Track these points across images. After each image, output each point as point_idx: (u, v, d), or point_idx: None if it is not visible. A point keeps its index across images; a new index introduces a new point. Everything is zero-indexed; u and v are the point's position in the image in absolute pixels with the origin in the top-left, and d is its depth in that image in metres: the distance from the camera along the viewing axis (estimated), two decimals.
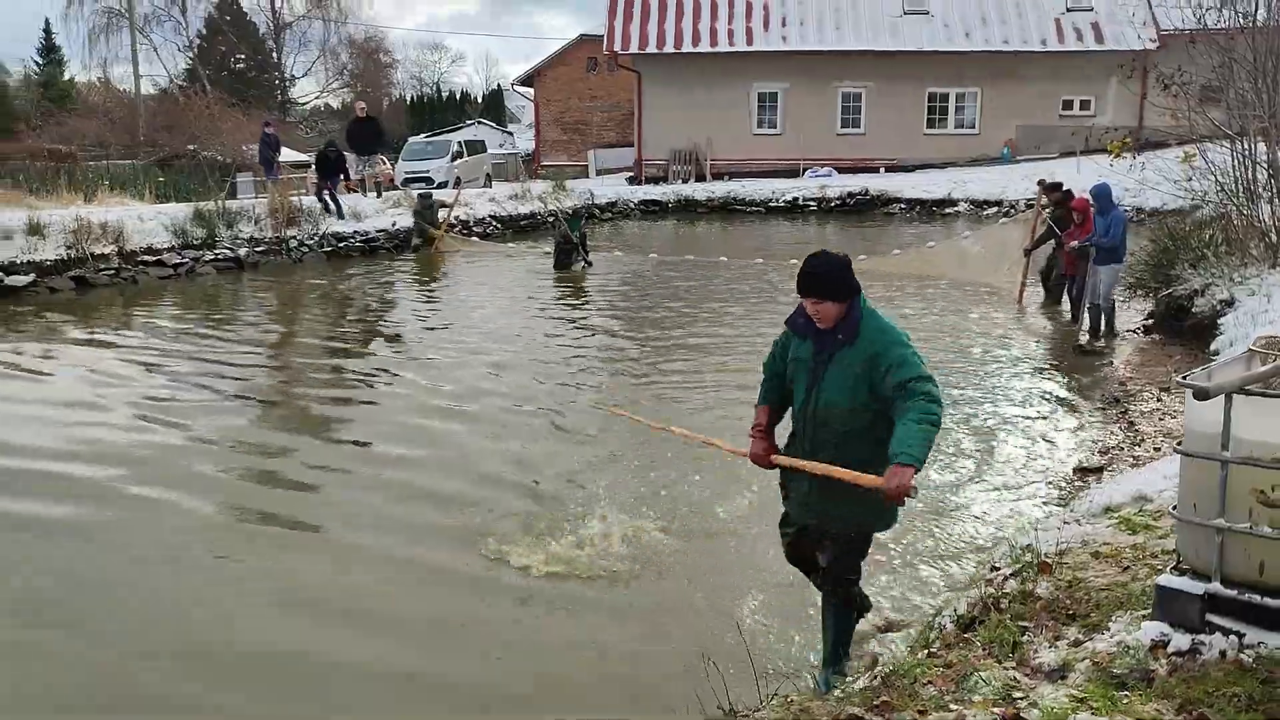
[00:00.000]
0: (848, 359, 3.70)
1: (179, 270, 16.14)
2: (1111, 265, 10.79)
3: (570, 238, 16.27)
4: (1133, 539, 4.21)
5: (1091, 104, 31.03)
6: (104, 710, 4.14)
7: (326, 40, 50.59)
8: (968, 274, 14.45)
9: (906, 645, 4.03)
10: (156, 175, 25.49)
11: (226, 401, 8.89)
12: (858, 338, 3.70)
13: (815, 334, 3.79)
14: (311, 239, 18.34)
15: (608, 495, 6.40)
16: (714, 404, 8.54)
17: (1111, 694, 3.05)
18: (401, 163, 31.60)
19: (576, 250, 16.30)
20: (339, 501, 6.50)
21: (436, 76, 67.72)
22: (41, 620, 4.85)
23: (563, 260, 16.24)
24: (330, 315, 13.60)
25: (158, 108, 37.30)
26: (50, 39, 48.55)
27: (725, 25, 32.05)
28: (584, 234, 16.77)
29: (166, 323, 12.65)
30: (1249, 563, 3.17)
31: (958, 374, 9.50)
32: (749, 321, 12.20)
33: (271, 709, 4.12)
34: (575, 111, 43.82)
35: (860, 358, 3.68)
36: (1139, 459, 6.63)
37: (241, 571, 5.40)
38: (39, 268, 14.49)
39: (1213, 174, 11.26)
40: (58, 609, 4.96)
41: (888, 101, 31.88)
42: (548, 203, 24.12)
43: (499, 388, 9.28)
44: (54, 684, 4.30)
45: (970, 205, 25.48)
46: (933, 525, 5.90)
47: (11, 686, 4.27)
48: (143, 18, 45.60)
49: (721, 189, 28.78)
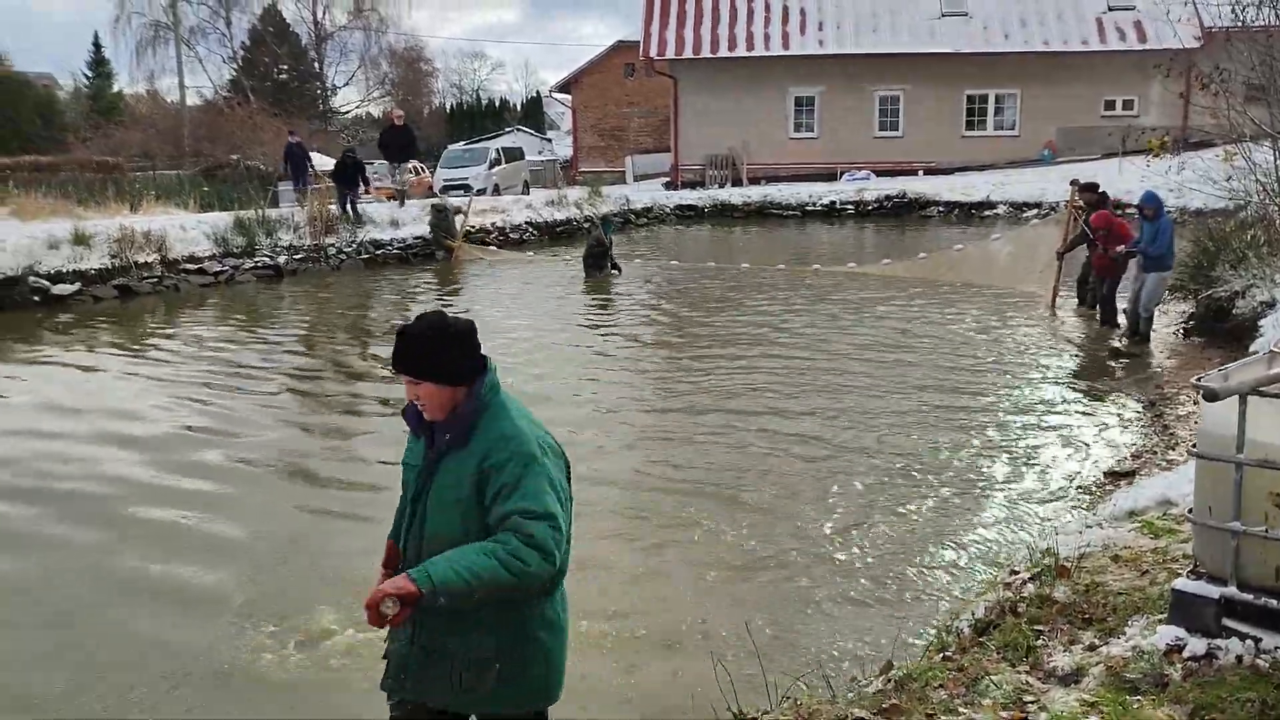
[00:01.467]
0: (456, 469, 2.69)
1: (219, 278, 16.40)
2: (1159, 274, 10.55)
3: (604, 241, 16.29)
4: (1154, 543, 4.16)
5: (1134, 104, 30.61)
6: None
7: (367, 50, 51.21)
8: (997, 278, 14.15)
9: (922, 649, 4.00)
10: (201, 185, 25.94)
11: (257, 412, 9.03)
12: (471, 440, 2.68)
13: (427, 429, 2.79)
14: (350, 246, 18.55)
15: (611, 497, 6.42)
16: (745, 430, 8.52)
17: (1124, 699, 3.02)
18: (440, 170, 31.90)
19: (609, 254, 16.31)
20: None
21: (476, 84, 68.35)
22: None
23: (597, 263, 16.20)
24: (361, 324, 13.69)
25: (202, 118, 37.96)
26: (99, 52, 49.67)
27: (761, 29, 32.02)
28: (610, 240, 16.78)
29: (204, 330, 12.87)
30: (1265, 567, 3.12)
31: (989, 380, 9.42)
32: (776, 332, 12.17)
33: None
34: (612, 118, 43.97)
35: (471, 469, 2.66)
36: (1171, 463, 6.53)
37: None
38: (84, 276, 14.80)
39: (1254, 173, 11.07)
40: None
41: (925, 104, 31.67)
42: (584, 209, 24.21)
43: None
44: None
45: (1009, 208, 25.19)
46: (958, 529, 5.85)
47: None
48: (188, 30, 46.52)
49: (758, 193, 28.73)
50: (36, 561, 5.71)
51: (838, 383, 9.32)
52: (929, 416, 8.13)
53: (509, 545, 2.52)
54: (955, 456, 7.14)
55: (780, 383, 9.39)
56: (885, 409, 8.38)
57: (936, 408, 8.38)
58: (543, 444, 2.73)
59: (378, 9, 50.29)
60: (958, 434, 7.65)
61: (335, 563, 5.51)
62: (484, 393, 2.72)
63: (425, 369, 2.68)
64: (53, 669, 4.50)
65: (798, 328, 11.99)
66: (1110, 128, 28.88)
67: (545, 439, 2.77)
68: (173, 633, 4.80)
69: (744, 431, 7.87)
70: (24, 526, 6.26)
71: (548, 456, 2.72)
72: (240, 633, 4.76)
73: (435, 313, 2.79)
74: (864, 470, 6.89)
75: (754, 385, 9.34)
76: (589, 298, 15.03)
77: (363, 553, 5.70)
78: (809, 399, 8.78)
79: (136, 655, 4.59)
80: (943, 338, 11.23)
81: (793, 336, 11.52)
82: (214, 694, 4.28)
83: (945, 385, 9.15)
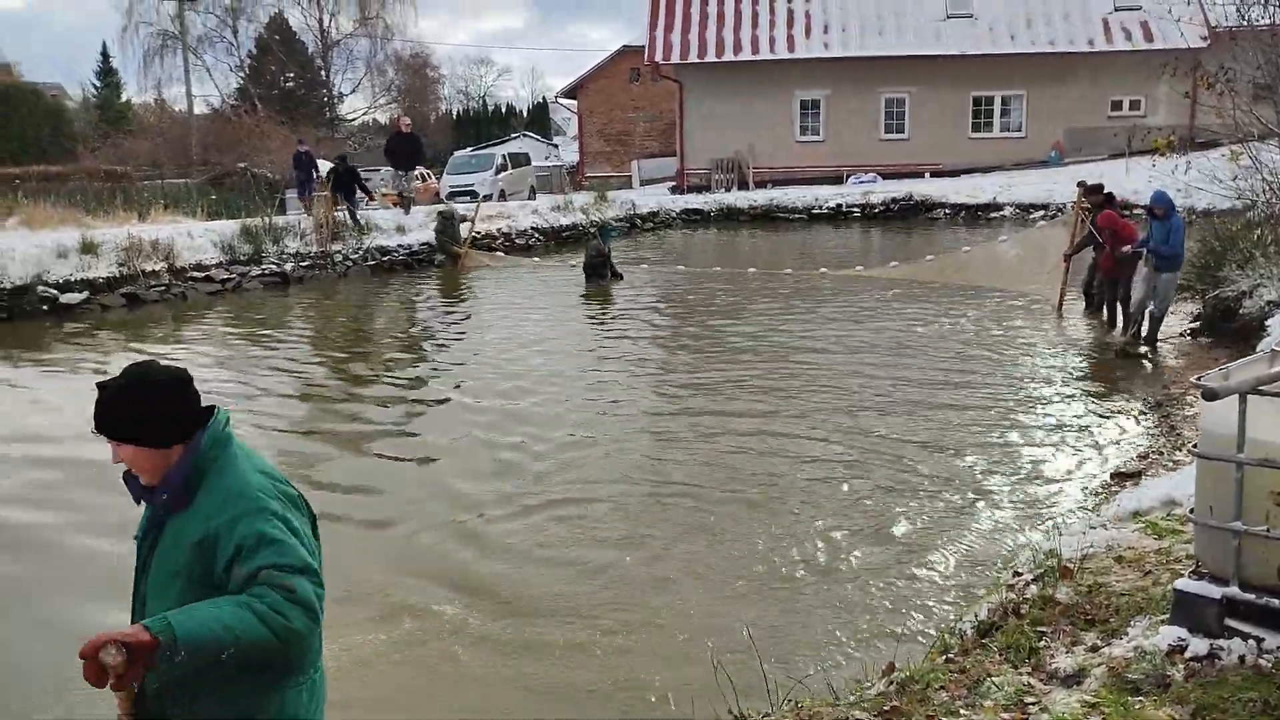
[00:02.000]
0: (176, 536, 2.30)
1: (227, 285, 16.45)
2: (1172, 273, 10.40)
3: (603, 251, 16.20)
4: (1158, 543, 4.14)
5: (1141, 104, 30.51)
6: None
7: (373, 57, 51.35)
8: (1004, 281, 14.05)
9: (925, 651, 4.00)
10: (209, 193, 26.02)
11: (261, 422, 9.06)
12: (194, 501, 2.30)
13: (146, 493, 2.38)
14: (356, 253, 18.59)
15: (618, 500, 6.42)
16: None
17: (1125, 700, 3.01)
18: (447, 176, 31.95)
19: (608, 262, 16.23)
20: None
21: (483, 90, 68.39)
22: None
23: (596, 271, 16.15)
24: (363, 332, 13.70)
25: (209, 127, 38.12)
26: (107, 61, 49.80)
27: (766, 33, 32.02)
28: (610, 248, 16.67)
29: (207, 338, 12.91)
30: (1267, 566, 3.12)
31: (995, 382, 9.39)
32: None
33: None
34: (618, 123, 43.99)
35: (194, 534, 2.26)
36: (1177, 464, 6.50)
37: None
38: (92, 285, 14.86)
39: (1260, 173, 11.02)
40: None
41: (931, 106, 31.61)
42: (589, 214, 24.23)
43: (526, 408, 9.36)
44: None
45: (1017, 209, 25.13)
46: (964, 532, 5.84)
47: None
48: (195, 39, 46.66)
49: (764, 197, 28.70)
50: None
51: (843, 385, 9.31)
52: (935, 418, 8.13)
53: (267, 599, 2.12)
54: (960, 459, 7.13)
55: (785, 386, 9.39)
56: (890, 411, 8.37)
57: (943, 409, 8.37)
58: (283, 495, 2.36)
59: (384, 16, 50.45)
60: (963, 436, 7.65)
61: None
62: (206, 449, 2.31)
63: (125, 430, 2.29)
64: None
65: (804, 331, 11.98)
66: (1117, 128, 28.81)
67: (285, 489, 2.39)
68: None
69: (748, 435, 7.87)
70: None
71: (290, 509, 2.34)
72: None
73: (139, 364, 2.40)
74: (868, 473, 6.88)
75: (759, 388, 9.34)
76: (590, 305, 15.00)
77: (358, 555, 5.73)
78: (815, 401, 8.78)
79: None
80: (949, 340, 11.22)
81: (799, 340, 11.51)
82: None
83: (951, 387, 9.14)
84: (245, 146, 31.38)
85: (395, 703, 4.30)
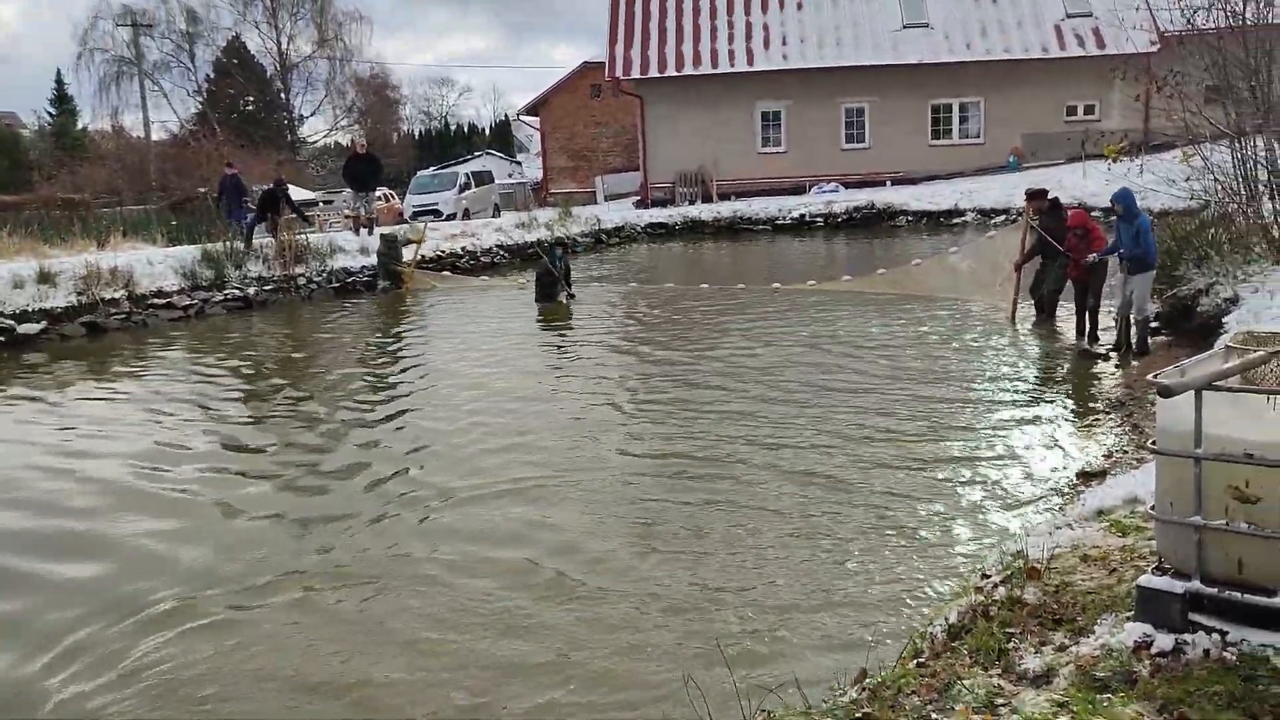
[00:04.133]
0: None
1: (189, 311, 16.26)
2: (1145, 274, 10.10)
3: (552, 270, 16.00)
4: (1122, 541, 4.18)
5: (1096, 108, 31.00)
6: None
7: (333, 79, 51.25)
8: (958, 292, 13.82)
9: (896, 656, 4.00)
10: (169, 219, 25.77)
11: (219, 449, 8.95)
12: None
13: None
14: (320, 275, 18.47)
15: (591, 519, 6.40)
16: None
17: (1093, 698, 3.02)
18: (410, 196, 31.88)
19: (559, 283, 16.06)
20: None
21: (445, 110, 68.36)
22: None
23: (545, 293, 15.99)
24: (320, 358, 13.40)
25: (168, 152, 37.81)
26: (62, 89, 49.38)
27: (725, 46, 32.24)
28: (567, 266, 16.45)
29: (164, 369, 12.66)
30: (1228, 560, 3.14)
31: (955, 391, 9.30)
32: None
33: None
34: (581, 138, 44.11)
35: None
36: (1141, 461, 6.57)
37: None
38: (50, 315, 14.63)
39: (1211, 173, 11.22)
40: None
41: (891, 115, 31.94)
42: (554, 230, 24.21)
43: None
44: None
45: (978, 214, 25.41)
46: (932, 537, 5.87)
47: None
48: (151, 65, 46.44)
49: (728, 209, 28.85)
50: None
51: (803, 397, 9.28)
52: (896, 428, 8.13)
53: None
54: (925, 465, 7.16)
55: (746, 399, 9.37)
56: (850, 422, 8.35)
57: (903, 419, 8.36)
58: None
59: (342, 38, 50.43)
60: (928, 444, 7.66)
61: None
62: None
63: None
64: None
65: (755, 347, 11.77)
66: (1072, 133, 29.25)
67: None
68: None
69: (711, 441, 7.87)
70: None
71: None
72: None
73: None
74: (834, 482, 6.89)
75: (718, 400, 9.34)
76: (540, 325, 14.77)
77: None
78: (777, 411, 8.78)
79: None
80: (905, 350, 11.09)
81: (755, 352, 11.48)
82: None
83: (910, 397, 9.09)
84: (205, 171, 31.11)
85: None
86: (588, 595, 5.32)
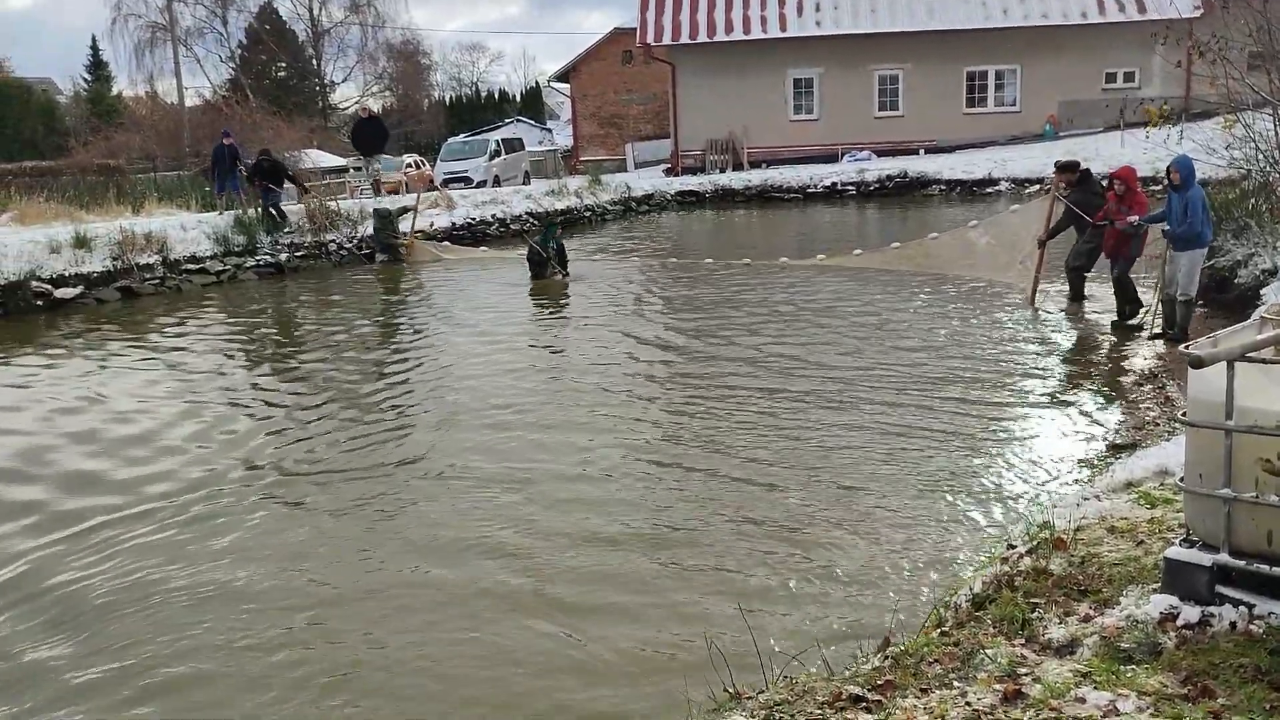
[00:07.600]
0: None
1: (221, 277, 16.44)
2: (1193, 251, 9.10)
3: (541, 251, 15.76)
4: (1150, 513, 4.15)
5: (1136, 75, 30.43)
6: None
7: (364, 46, 51.16)
8: (975, 269, 13.13)
9: (920, 625, 4.01)
10: (202, 185, 25.92)
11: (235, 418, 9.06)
12: None
13: None
14: (350, 241, 18.57)
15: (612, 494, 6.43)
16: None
17: (1117, 668, 3.02)
18: (440, 163, 31.87)
19: (549, 263, 15.85)
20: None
21: (475, 76, 68.12)
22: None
23: (538, 272, 15.85)
24: (345, 319, 13.52)
25: (201, 118, 37.94)
26: (97, 55, 49.71)
27: (758, 12, 31.88)
28: (561, 245, 16.18)
29: (199, 331, 12.80)
30: (1257, 532, 3.12)
31: (982, 368, 9.14)
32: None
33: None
34: (612, 105, 43.84)
35: None
36: (1172, 433, 6.51)
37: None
38: (86, 279, 14.84)
39: (1253, 141, 10.99)
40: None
41: (925, 82, 31.52)
42: (584, 198, 24.16)
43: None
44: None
45: (1012, 184, 25.11)
46: (962, 508, 5.85)
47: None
48: (185, 31, 46.50)
49: (759, 177, 28.67)
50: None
51: (826, 373, 9.21)
52: (924, 402, 8.05)
53: None
54: (953, 441, 7.10)
55: (770, 371, 9.36)
56: (879, 390, 8.34)
57: (931, 395, 8.26)
58: None
59: (374, 5, 50.26)
60: (955, 419, 7.57)
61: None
62: None
63: None
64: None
65: (777, 321, 11.62)
66: (1111, 100, 28.76)
67: None
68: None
69: (732, 410, 7.88)
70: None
71: None
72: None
73: None
74: (862, 455, 6.88)
75: (740, 371, 9.33)
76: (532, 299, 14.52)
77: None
78: (801, 385, 8.77)
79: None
80: (931, 324, 10.91)
81: (779, 328, 11.44)
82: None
83: (938, 373, 8.93)
84: (238, 137, 31.19)
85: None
86: (609, 555, 5.36)
